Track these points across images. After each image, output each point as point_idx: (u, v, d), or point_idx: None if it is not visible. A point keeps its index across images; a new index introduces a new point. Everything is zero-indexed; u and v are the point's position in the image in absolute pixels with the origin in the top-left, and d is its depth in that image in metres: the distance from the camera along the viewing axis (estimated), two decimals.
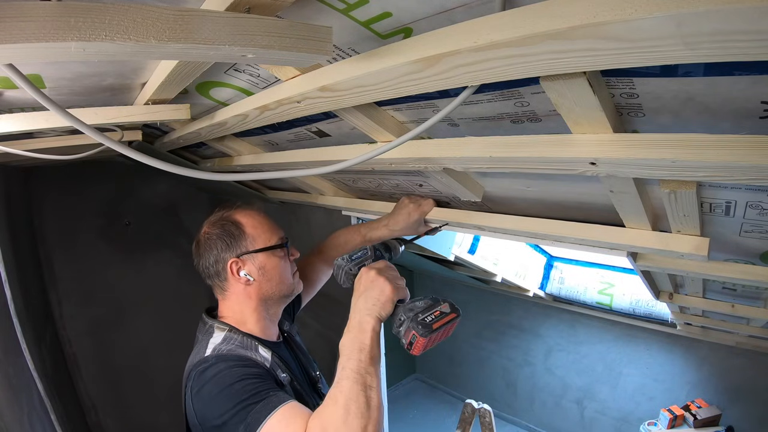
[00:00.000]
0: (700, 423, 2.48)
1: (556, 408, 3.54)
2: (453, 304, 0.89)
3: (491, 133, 0.80)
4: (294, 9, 0.57)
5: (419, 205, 1.31)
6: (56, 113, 0.55)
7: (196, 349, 0.97)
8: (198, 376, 0.86)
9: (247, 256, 1.01)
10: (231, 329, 0.98)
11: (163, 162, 0.66)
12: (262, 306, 1.04)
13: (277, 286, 1.04)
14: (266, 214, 1.09)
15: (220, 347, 0.93)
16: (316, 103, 0.77)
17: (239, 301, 1.03)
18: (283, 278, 1.05)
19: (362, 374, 0.78)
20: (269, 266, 1.03)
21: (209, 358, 0.90)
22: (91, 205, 2.74)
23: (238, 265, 1.00)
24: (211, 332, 0.99)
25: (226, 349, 0.93)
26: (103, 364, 2.76)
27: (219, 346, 0.94)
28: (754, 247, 0.87)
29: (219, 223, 1.02)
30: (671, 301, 1.56)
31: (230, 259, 0.99)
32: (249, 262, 1.01)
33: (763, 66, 0.43)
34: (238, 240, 1.00)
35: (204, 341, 0.97)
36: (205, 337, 0.98)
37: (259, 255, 1.02)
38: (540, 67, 0.47)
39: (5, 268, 1.80)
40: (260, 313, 1.04)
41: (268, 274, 1.02)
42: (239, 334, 0.98)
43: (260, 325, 1.04)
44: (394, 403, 3.90)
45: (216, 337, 0.97)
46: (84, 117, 0.97)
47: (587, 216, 0.99)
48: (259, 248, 1.02)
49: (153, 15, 0.42)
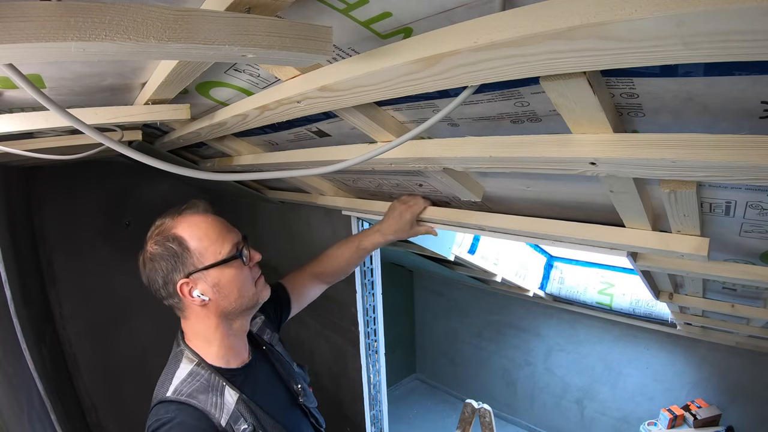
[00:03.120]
0: (700, 423, 2.48)
1: (556, 408, 3.54)
2: None
3: (491, 133, 0.80)
4: (294, 9, 0.57)
5: (410, 206, 1.28)
6: (56, 113, 0.55)
7: (164, 375, 0.94)
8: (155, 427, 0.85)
9: (197, 274, 0.89)
10: (200, 363, 0.92)
11: (163, 162, 0.66)
12: (224, 323, 0.95)
13: (237, 300, 0.94)
14: (215, 217, 0.95)
15: (182, 387, 0.88)
16: (316, 103, 0.77)
17: (199, 321, 0.94)
18: (242, 291, 0.94)
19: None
20: (224, 281, 0.91)
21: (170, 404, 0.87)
22: (91, 205, 2.74)
23: (189, 285, 0.89)
24: (179, 360, 0.93)
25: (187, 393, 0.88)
26: (103, 364, 2.76)
27: (181, 385, 0.89)
28: (754, 247, 0.87)
29: (160, 240, 0.89)
30: (671, 301, 1.56)
31: (179, 280, 0.88)
32: (201, 281, 0.89)
33: (763, 66, 0.43)
34: (183, 258, 0.88)
35: (172, 369, 0.93)
36: (174, 364, 0.93)
37: (211, 271, 0.89)
38: (540, 67, 0.47)
39: (5, 268, 1.80)
40: (223, 331, 0.96)
41: (224, 290, 0.91)
42: (207, 370, 0.92)
43: (226, 344, 0.96)
44: (394, 403, 3.90)
45: (182, 370, 0.91)
46: (84, 117, 0.97)
47: (587, 216, 0.99)
48: (208, 264, 0.89)
49: (153, 15, 0.42)
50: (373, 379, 2.08)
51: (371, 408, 2.10)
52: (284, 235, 2.45)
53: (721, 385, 2.67)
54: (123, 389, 2.81)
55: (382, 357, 2.07)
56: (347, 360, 2.09)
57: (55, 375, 2.28)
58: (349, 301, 1.96)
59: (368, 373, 2.04)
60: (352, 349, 2.02)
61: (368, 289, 1.93)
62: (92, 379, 2.73)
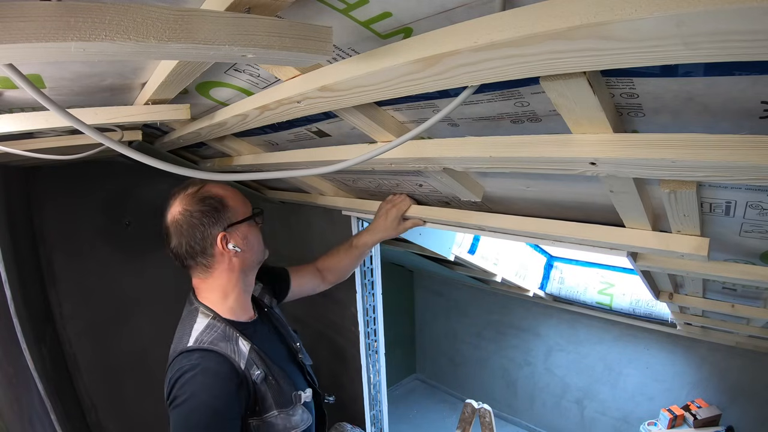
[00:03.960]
0: (700, 423, 2.48)
1: (556, 408, 3.54)
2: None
3: (491, 133, 0.80)
4: (294, 9, 0.57)
5: (395, 204, 1.36)
6: (56, 113, 0.55)
7: (180, 331, 1.03)
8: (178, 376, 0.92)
9: (233, 227, 1.04)
10: (215, 316, 1.02)
11: (163, 162, 0.66)
12: (242, 277, 1.08)
13: (257, 253, 1.11)
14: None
15: (202, 337, 0.98)
16: (316, 103, 0.77)
17: (223, 275, 1.05)
18: (261, 245, 1.12)
19: None
20: (251, 235, 1.08)
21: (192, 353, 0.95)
22: (91, 205, 2.73)
23: (226, 238, 1.02)
24: (195, 316, 1.03)
25: (208, 341, 0.97)
26: (103, 364, 2.76)
27: (201, 335, 0.98)
28: (754, 247, 0.87)
29: (198, 199, 1.03)
30: (671, 301, 1.56)
31: (219, 233, 1.01)
32: (235, 234, 1.04)
33: (763, 66, 0.43)
34: (223, 213, 1.03)
35: (188, 325, 1.02)
36: (189, 321, 1.02)
37: (242, 225, 1.06)
38: (540, 67, 0.47)
39: (5, 268, 1.80)
40: (240, 286, 1.08)
41: (250, 243, 1.07)
42: (221, 323, 1.02)
43: (241, 299, 1.09)
44: (394, 403, 3.90)
45: (199, 323, 1.01)
46: (84, 117, 0.97)
47: (587, 216, 0.99)
48: (241, 219, 1.05)
49: (153, 15, 0.42)
50: (373, 379, 2.08)
51: (371, 408, 2.10)
52: (284, 235, 2.45)
53: (721, 385, 2.67)
54: (123, 389, 2.81)
55: (382, 357, 2.07)
56: (347, 360, 2.09)
57: (55, 375, 2.28)
58: (349, 301, 1.96)
59: (368, 373, 2.04)
60: (352, 349, 2.02)
61: (368, 289, 1.93)
62: (92, 379, 2.73)
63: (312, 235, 2.16)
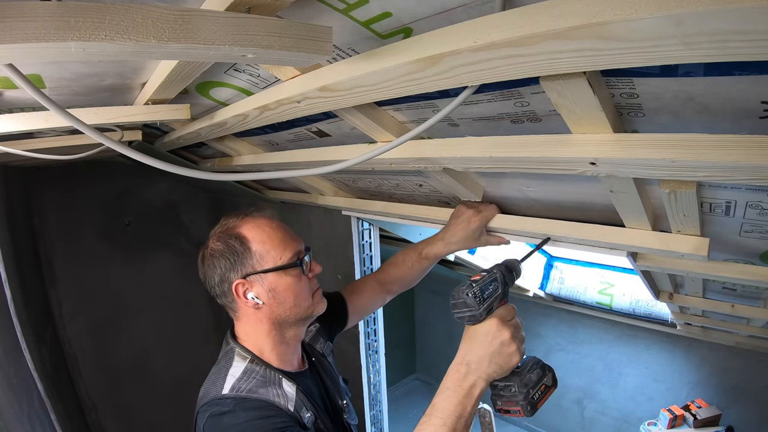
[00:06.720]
0: (700, 423, 2.48)
1: (556, 408, 3.54)
2: (554, 374, 0.84)
3: (491, 133, 0.80)
4: (294, 9, 0.57)
5: (479, 211, 1.11)
6: (56, 113, 0.55)
7: (213, 375, 0.89)
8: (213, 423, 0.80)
9: (255, 276, 0.88)
10: (253, 359, 0.89)
11: (163, 162, 0.66)
12: (276, 330, 0.93)
13: (292, 309, 0.91)
14: (280, 223, 0.95)
15: (239, 385, 0.85)
16: (316, 103, 0.77)
17: (250, 324, 0.92)
18: (298, 300, 0.91)
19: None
20: (281, 287, 0.89)
21: (227, 400, 0.82)
22: (91, 205, 2.74)
23: (245, 287, 0.88)
24: (231, 358, 0.90)
25: (246, 389, 0.84)
26: (103, 364, 2.76)
27: (238, 383, 0.85)
28: (754, 247, 0.87)
29: (223, 237, 0.90)
30: (671, 301, 1.56)
31: (235, 280, 0.87)
32: (257, 284, 0.88)
33: (763, 66, 0.43)
34: (243, 258, 0.87)
35: (223, 369, 0.88)
36: (225, 364, 0.89)
37: (269, 275, 0.88)
38: (540, 67, 0.47)
39: (5, 268, 1.80)
40: (275, 338, 0.93)
41: (279, 297, 0.89)
42: (262, 366, 0.89)
43: (277, 351, 0.93)
44: (394, 403, 3.89)
45: (236, 368, 0.88)
46: (84, 117, 0.97)
47: (587, 216, 0.99)
48: (267, 268, 0.88)
49: (153, 15, 0.42)
50: (373, 379, 2.08)
51: (371, 408, 2.10)
52: None
53: (721, 385, 2.67)
54: (123, 389, 2.81)
55: (382, 357, 2.07)
56: (347, 360, 2.09)
57: (55, 375, 2.28)
58: None
59: (368, 373, 2.04)
60: (352, 349, 2.02)
61: None
62: (92, 379, 2.73)
63: (312, 235, 2.15)
